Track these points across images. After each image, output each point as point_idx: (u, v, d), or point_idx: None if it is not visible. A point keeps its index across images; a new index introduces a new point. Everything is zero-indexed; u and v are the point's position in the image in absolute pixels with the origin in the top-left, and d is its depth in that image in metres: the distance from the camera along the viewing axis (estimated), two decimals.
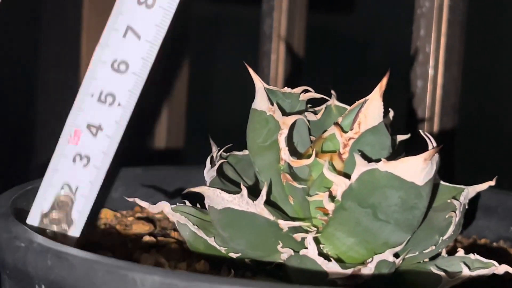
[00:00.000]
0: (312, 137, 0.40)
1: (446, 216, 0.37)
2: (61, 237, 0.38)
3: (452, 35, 0.61)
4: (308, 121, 0.40)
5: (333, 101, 0.41)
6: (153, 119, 0.74)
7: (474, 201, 0.48)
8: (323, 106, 0.41)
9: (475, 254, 0.38)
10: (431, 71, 0.61)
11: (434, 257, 0.38)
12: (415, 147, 0.38)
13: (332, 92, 0.42)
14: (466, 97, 0.64)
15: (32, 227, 0.37)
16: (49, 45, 0.73)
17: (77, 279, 0.30)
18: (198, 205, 0.40)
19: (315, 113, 0.41)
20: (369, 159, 0.35)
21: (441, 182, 0.40)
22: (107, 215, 0.46)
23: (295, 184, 0.37)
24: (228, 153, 0.42)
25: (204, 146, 0.44)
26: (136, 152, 0.73)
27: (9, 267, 0.33)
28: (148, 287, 0.29)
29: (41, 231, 0.38)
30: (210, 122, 0.94)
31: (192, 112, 0.76)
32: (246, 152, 0.42)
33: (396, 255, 0.36)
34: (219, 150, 0.41)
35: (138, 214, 0.47)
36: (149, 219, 0.46)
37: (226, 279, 0.28)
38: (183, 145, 0.74)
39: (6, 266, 0.34)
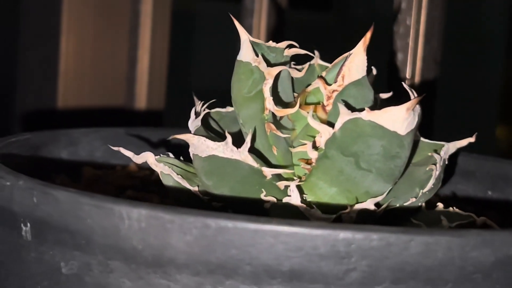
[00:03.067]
0: (295, 94, 0.40)
1: (427, 169, 0.38)
2: None
3: (433, 8, 0.62)
4: (292, 77, 0.40)
5: (317, 60, 0.42)
6: (133, 80, 0.74)
7: (452, 165, 0.49)
8: (307, 64, 0.42)
9: (454, 207, 0.38)
10: (411, 44, 0.62)
11: (415, 210, 0.39)
12: None
13: (315, 51, 0.42)
14: (445, 70, 0.65)
15: None
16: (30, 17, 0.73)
17: (63, 214, 0.30)
18: (181, 158, 0.40)
19: (299, 70, 0.41)
20: (352, 109, 0.36)
21: (422, 138, 0.40)
22: (89, 172, 0.46)
23: (279, 133, 0.37)
24: (212, 109, 0.42)
25: (183, 108, 0.44)
26: (116, 112, 0.73)
27: None
28: (135, 220, 0.29)
29: None
30: (191, 84, 0.94)
31: (172, 74, 0.76)
32: (229, 109, 0.42)
33: (378, 206, 0.36)
34: (203, 104, 0.41)
35: (120, 172, 0.48)
36: (131, 176, 0.47)
37: (211, 213, 0.29)
38: (163, 106, 0.74)
39: None
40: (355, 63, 0.38)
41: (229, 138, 0.36)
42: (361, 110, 0.35)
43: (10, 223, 0.32)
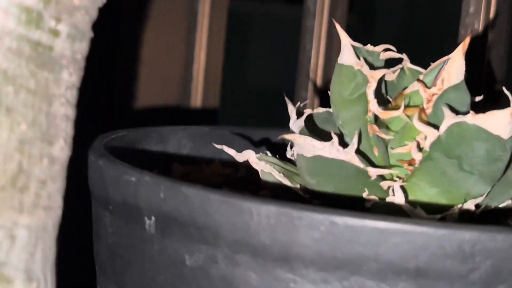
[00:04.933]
0: (388, 97, 0.42)
1: None
2: None
3: (501, 13, 0.63)
4: (385, 80, 0.42)
5: (406, 64, 0.43)
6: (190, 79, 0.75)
7: None
8: (398, 67, 0.43)
9: None
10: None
11: (509, 211, 0.40)
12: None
13: (404, 55, 0.43)
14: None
15: None
16: None
17: (191, 210, 0.31)
18: (277, 157, 0.42)
19: (392, 72, 0.42)
20: (456, 112, 0.37)
21: None
22: (179, 168, 0.47)
23: (382, 134, 0.38)
24: (305, 110, 0.43)
25: (236, 107, 0.45)
26: (173, 111, 0.75)
27: (115, 202, 0.35)
28: (264, 216, 0.30)
29: None
30: (244, 83, 0.95)
31: (227, 73, 0.78)
32: (320, 109, 0.44)
33: (476, 206, 0.37)
34: (298, 106, 0.43)
35: (207, 169, 0.49)
36: (218, 174, 0.48)
37: (339, 210, 0.30)
38: (218, 105, 0.75)
39: (110, 202, 0.35)
40: (454, 67, 0.39)
41: (335, 139, 0.37)
42: (464, 113, 0.36)
43: (133, 217, 0.34)
